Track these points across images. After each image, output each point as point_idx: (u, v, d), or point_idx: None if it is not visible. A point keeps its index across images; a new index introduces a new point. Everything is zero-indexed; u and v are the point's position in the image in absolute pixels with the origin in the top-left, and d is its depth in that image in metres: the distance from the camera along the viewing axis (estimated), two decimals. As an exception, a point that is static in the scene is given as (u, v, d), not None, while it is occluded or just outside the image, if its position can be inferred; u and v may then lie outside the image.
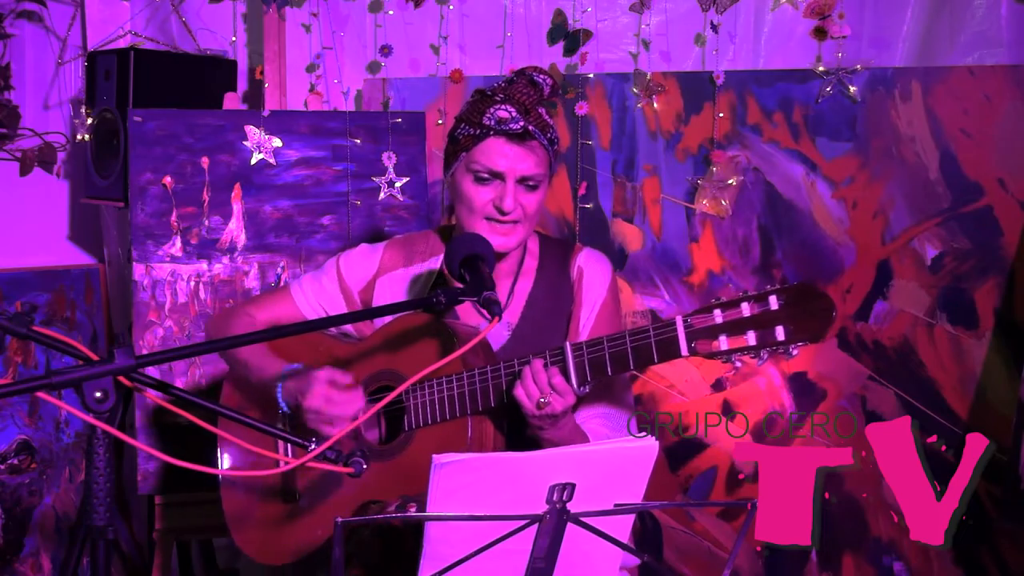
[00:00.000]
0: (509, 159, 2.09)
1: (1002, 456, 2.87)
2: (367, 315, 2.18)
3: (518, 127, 2.07)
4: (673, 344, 1.83)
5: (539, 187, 2.13)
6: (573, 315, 2.22)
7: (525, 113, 2.09)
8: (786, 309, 1.74)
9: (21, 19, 3.58)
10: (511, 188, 2.10)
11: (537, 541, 1.66)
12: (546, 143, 2.12)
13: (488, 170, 2.10)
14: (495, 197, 2.11)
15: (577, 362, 1.93)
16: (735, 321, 1.78)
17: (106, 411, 1.52)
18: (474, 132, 2.11)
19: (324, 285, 2.32)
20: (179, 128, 2.97)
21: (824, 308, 1.72)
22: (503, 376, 1.99)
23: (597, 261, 2.26)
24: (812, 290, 1.74)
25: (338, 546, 1.58)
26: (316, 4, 3.27)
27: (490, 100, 2.11)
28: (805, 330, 1.73)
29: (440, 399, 2.04)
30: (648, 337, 1.86)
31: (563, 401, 1.94)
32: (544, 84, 2.13)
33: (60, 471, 3.37)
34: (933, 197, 2.97)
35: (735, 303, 1.78)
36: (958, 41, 3.07)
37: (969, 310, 2.95)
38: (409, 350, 2.12)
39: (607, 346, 1.90)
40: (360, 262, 2.32)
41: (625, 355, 1.89)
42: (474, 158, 2.11)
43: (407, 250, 2.31)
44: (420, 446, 2.06)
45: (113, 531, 1.56)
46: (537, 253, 2.27)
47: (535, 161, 2.11)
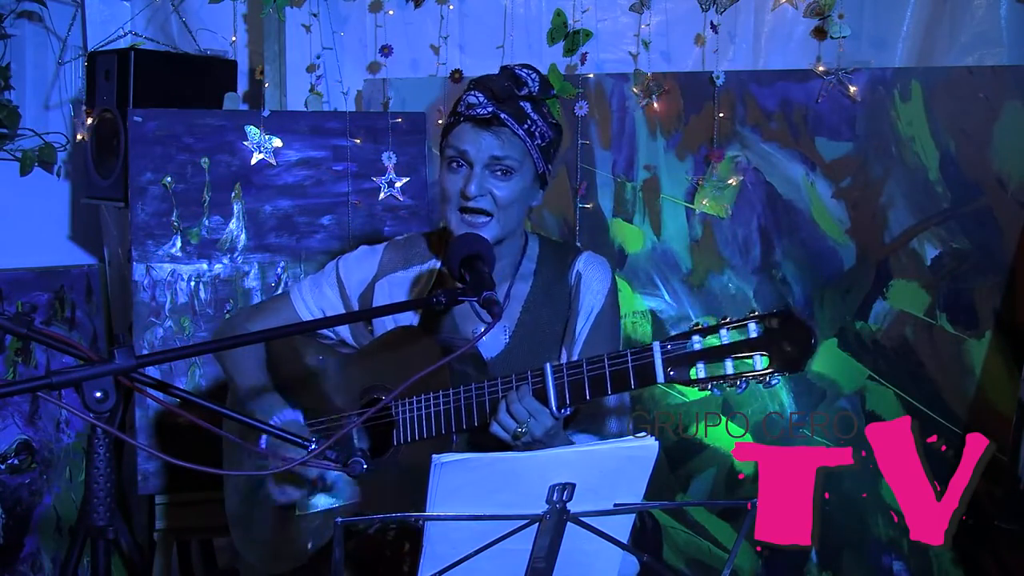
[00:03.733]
0: (475, 143, 2.10)
1: (1002, 456, 2.87)
2: (367, 315, 2.18)
3: (486, 112, 2.08)
4: (649, 370, 1.81)
5: (511, 175, 2.11)
6: (569, 321, 2.21)
7: (496, 100, 2.09)
8: (766, 337, 1.70)
9: (21, 19, 3.58)
10: (476, 173, 2.09)
11: (537, 541, 1.66)
12: (522, 133, 2.11)
13: (457, 151, 2.12)
14: (463, 183, 2.11)
15: (557, 384, 1.91)
16: (713, 349, 1.75)
17: (106, 411, 1.52)
18: (450, 120, 2.16)
19: (324, 290, 2.32)
20: (179, 128, 2.97)
21: (804, 338, 1.68)
22: (486, 396, 1.98)
23: (597, 267, 2.24)
24: (792, 319, 1.70)
25: (338, 547, 1.58)
26: (316, 4, 3.27)
27: (465, 90, 2.15)
28: (784, 360, 1.69)
29: (428, 415, 2.03)
30: (626, 362, 1.84)
31: (541, 425, 1.92)
32: (529, 79, 2.13)
33: (60, 471, 3.37)
34: (933, 197, 2.97)
35: (713, 329, 1.75)
36: (958, 41, 3.07)
37: (969, 310, 2.95)
38: (402, 365, 2.11)
39: (586, 369, 1.88)
40: (359, 265, 2.32)
41: (603, 379, 1.86)
42: (448, 143, 2.15)
43: (405, 252, 2.31)
44: (410, 459, 2.06)
45: (113, 531, 1.56)
46: (536, 256, 2.26)
47: (502, 146, 2.10)
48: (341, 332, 2.33)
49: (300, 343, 2.31)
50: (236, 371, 2.31)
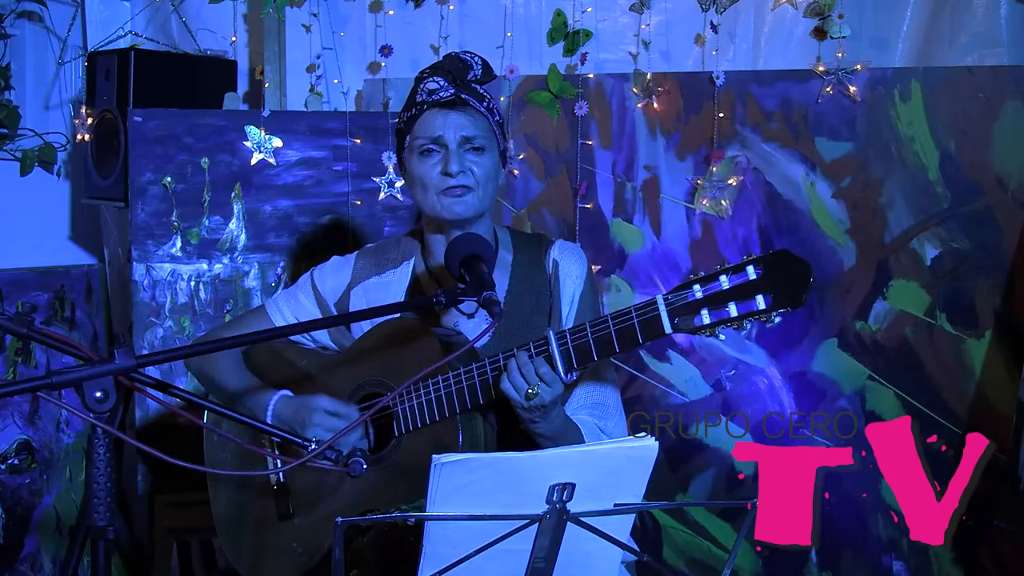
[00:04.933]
0: (446, 125, 2.11)
1: (1002, 456, 2.87)
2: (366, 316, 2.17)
3: (449, 94, 2.11)
4: (656, 322, 1.83)
5: (485, 151, 2.14)
6: (553, 308, 2.21)
7: (455, 83, 2.12)
8: (765, 277, 1.75)
9: (21, 19, 3.58)
10: (454, 152, 2.11)
11: (537, 541, 1.66)
12: (484, 111, 2.14)
13: (430, 138, 2.12)
14: (442, 165, 2.12)
15: (562, 350, 1.93)
16: (715, 294, 1.78)
17: (106, 411, 1.52)
18: (410, 112, 2.15)
19: (300, 300, 2.31)
20: (179, 128, 2.98)
21: (802, 273, 1.73)
22: (488, 372, 1.99)
23: (571, 252, 2.25)
24: (789, 257, 1.74)
25: (338, 547, 1.58)
26: (316, 4, 3.27)
27: (419, 79, 2.16)
28: (785, 296, 1.74)
29: (428, 401, 2.03)
30: (631, 319, 1.86)
31: (551, 391, 1.94)
32: (473, 61, 2.16)
33: (60, 471, 3.37)
34: (933, 197, 2.97)
35: (713, 276, 1.79)
36: (958, 41, 3.07)
37: (969, 310, 2.95)
38: (393, 357, 2.11)
39: (590, 331, 1.90)
40: (333, 274, 2.31)
41: (609, 338, 1.88)
42: (416, 134, 2.14)
43: (378, 258, 2.30)
44: (412, 450, 2.06)
45: (113, 531, 1.56)
46: (511, 246, 2.27)
47: (473, 123, 2.13)
48: (322, 339, 2.32)
49: (282, 352, 2.31)
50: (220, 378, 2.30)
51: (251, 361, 2.33)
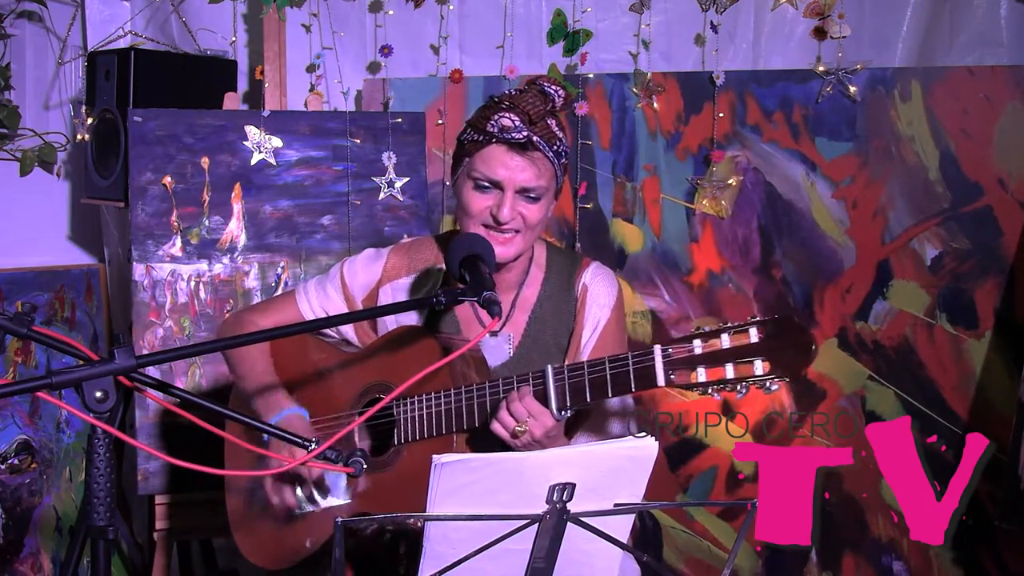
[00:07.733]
0: (509, 169, 2.05)
1: (1002, 456, 2.87)
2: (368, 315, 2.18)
3: (521, 136, 2.03)
4: (650, 373, 1.82)
5: (541, 199, 2.10)
6: (575, 333, 2.20)
7: (530, 123, 2.05)
8: (766, 342, 1.71)
9: (21, 19, 3.58)
10: (509, 198, 2.06)
11: (537, 541, 1.66)
12: (551, 155, 2.08)
13: (487, 178, 2.07)
14: (493, 205, 2.07)
15: (558, 386, 1.91)
16: (714, 353, 1.76)
17: (106, 411, 1.52)
18: (477, 138, 2.08)
19: (329, 292, 2.32)
20: (179, 128, 2.97)
21: (804, 343, 1.69)
22: (487, 396, 1.98)
23: (603, 279, 2.22)
24: (792, 324, 1.71)
25: (338, 546, 1.58)
26: (316, 4, 3.27)
27: (496, 107, 2.08)
28: (783, 366, 1.71)
29: (429, 414, 2.03)
30: (627, 365, 1.85)
31: (541, 425, 1.92)
32: (556, 95, 2.09)
33: (60, 471, 3.37)
34: (933, 197, 2.97)
35: (715, 334, 1.76)
36: (958, 41, 3.07)
37: (969, 310, 2.95)
38: (404, 363, 2.11)
39: (587, 371, 1.89)
40: (364, 269, 2.30)
41: (604, 382, 1.87)
42: (475, 165, 2.08)
43: (410, 258, 2.29)
44: (410, 459, 2.06)
45: (113, 531, 1.56)
46: (544, 264, 2.25)
47: (536, 173, 2.07)
48: (346, 333, 2.33)
49: (304, 342, 2.31)
50: (243, 368, 2.30)
51: (272, 345, 2.33)
